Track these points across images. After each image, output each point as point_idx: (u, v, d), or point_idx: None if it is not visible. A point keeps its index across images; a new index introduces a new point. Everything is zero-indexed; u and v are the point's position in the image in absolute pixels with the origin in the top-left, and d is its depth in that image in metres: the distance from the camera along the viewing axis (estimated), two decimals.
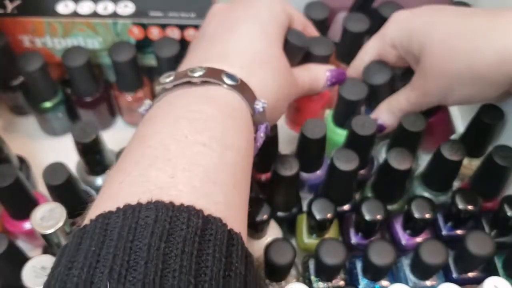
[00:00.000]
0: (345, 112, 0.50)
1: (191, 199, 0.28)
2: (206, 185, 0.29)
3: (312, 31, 0.49)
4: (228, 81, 0.34)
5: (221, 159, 0.30)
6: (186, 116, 0.32)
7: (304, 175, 0.50)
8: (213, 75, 0.34)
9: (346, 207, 0.49)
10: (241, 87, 0.34)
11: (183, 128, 0.31)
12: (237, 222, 0.29)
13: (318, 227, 0.46)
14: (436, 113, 0.50)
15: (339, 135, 0.51)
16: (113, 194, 0.29)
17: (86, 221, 0.28)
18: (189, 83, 0.34)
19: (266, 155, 0.48)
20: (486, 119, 0.47)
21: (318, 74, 0.46)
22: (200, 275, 0.25)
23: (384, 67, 0.49)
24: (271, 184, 0.47)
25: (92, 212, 0.28)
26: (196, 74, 0.34)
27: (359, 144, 0.46)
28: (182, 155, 0.29)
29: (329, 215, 0.45)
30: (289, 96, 0.42)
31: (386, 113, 0.48)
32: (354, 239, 0.48)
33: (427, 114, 0.48)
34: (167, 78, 0.35)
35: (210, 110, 0.32)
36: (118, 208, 0.27)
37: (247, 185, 0.33)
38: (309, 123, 0.45)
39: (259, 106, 0.34)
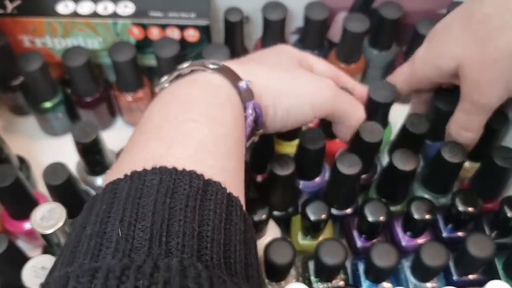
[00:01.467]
0: (373, 114, 0.50)
1: (188, 165, 0.30)
2: (201, 153, 0.32)
3: (344, 80, 0.47)
4: (211, 65, 0.37)
5: (211, 131, 0.33)
6: (175, 100, 0.35)
7: (302, 182, 0.50)
8: (198, 64, 0.37)
9: (348, 210, 0.49)
10: (223, 69, 0.37)
11: (173, 110, 0.34)
12: (233, 187, 0.32)
13: (312, 228, 0.46)
14: None
15: None
16: (119, 167, 0.32)
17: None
18: (180, 75, 0.37)
19: (262, 156, 0.48)
20: (491, 124, 0.47)
21: (361, 112, 0.44)
22: (203, 225, 0.28)
23: (451, 95, 0.49)
24: (268, 184, 0.47)
25: (108, 177, 0.31)
26: (184, 66, 0.38)
27: (365, 150, 0.46)
28: (175, 131, 0.32)
29: (323, 216, 0.45)
30: (299, 94, 0.39)
31: (457, 135, 0.46)
32: (359, 243, 0.48)
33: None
34: (163, 78, 0.38)
35: (195, 92, 0.35)
36: (125, 175, 0.30)
37: (241, 155, 0.35)
38: (307, 133, 0.45)
39: (242, 84, 0.36)
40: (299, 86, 0.39)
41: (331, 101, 0.40)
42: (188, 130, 0.32)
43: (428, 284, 0.45)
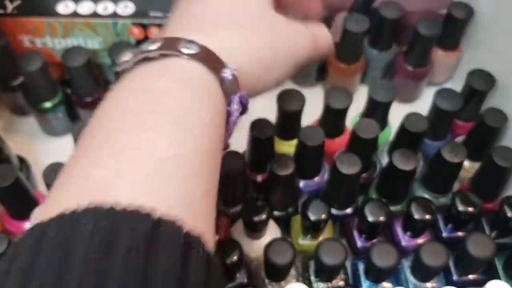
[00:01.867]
0: (373, 113, 0.50)
1: (136, 196, 0.24)
2: (156, 177, 0.25)
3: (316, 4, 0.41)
4: (186, 50, 0.30)
5: (176, 143, 0.27)
6: (137, 96, 0.29)
7: (302, 182, 0.50)
8: (170, 46, 0.30)
9: (348, 210, 0.49)
10: (202, 55, 0.30)
11: (132, 111, 0.28)
12: (197, 218, 0.26)
13: (312, 228, 0.46)
14: None
15: None
16: (54, 197, 0.26)
17: (28, 227, 0.25)
18: (147, 59, 0.30)
19: (262, 156, 0.48)
20: (490, 123, 0.47)
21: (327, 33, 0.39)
22: None
23: (454, 95, 0.49)
24: (268, 184, 0.47)
25: (39, 214, 0.26)
26: (153, 47, 0.30)
27: (363, 148, 0.46)
28: (127, 144, 0.26)
29: (323, 216, 0.45)
30: (283, 57, 0.35)
31: None
32: (359, 243, 0.48)
33: None
34: (124, 57, 0.31)
35: (163, 85, 0.29)
36: (56, 216, 0.24)
37: (214, 170, 0.29)
38: (306, 130, 0.45)
39: (227, 74, 0.30)
40: (280, 46, 0.35)
41: (312, 53, 0.38)
42: (145, 143, 0.26)
43: (428, 284, 0.45)
